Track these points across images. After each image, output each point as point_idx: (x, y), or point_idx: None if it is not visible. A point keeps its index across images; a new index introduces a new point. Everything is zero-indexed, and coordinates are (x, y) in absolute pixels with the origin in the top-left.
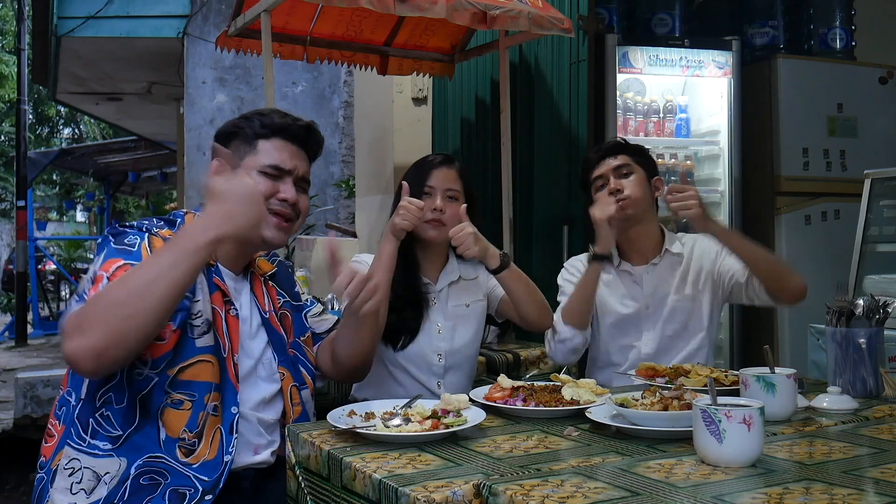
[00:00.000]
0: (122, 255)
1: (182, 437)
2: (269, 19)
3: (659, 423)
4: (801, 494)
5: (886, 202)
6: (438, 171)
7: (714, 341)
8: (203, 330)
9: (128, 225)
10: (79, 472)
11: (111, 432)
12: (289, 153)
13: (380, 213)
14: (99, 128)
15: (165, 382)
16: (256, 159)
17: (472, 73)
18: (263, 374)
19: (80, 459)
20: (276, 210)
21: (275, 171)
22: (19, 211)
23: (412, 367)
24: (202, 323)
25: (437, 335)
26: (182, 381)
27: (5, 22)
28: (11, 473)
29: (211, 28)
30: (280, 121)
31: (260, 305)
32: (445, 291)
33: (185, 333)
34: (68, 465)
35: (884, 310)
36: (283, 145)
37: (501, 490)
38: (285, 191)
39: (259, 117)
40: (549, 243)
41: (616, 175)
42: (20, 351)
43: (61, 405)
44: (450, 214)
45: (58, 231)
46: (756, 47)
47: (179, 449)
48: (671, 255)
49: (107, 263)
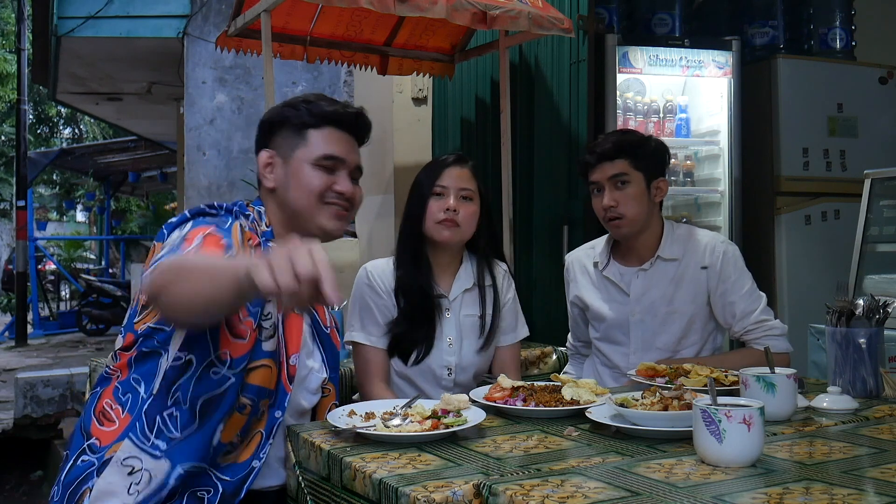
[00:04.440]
0: (210, 224)
1: (232, 442)
2: (269, 19)
3: (659, 423)
4: (801, 494)
5: (886, 202)
6: (451, 171)
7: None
8: (270, 333)
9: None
10: (139, 472)
11: (172, 433)
12: (341, 142)
13: (380, 213)
14: (99, 128)
15: (240, 385)
16: (309, 151)
17: (472, 73)
18: (312, 386)
19: (141, 459)
20: (332, 202)
21: (329, 162)
22: (19, 211)
23: (419, 379)
24: (270, 326)
25: (448, 349)
26: (249, 385)
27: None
28: (11, 473)
29: (211, 28)
30: (330, 108)
31: (320, 317)
32: (459, 300)
33: (259, 332)
34: (127, 462)
35: (884, 310)
36: (335, 134)
37: (501, 490)
38: (341, 183)
39: (306, 105)
40: (549, 243)
41: (611, 186)
42: (20, 351)
43: (126, 390)
44: (464, 214)
45: (58, 231)
46: (756, 47)
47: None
48: (663, 261)
49: (194, 230)
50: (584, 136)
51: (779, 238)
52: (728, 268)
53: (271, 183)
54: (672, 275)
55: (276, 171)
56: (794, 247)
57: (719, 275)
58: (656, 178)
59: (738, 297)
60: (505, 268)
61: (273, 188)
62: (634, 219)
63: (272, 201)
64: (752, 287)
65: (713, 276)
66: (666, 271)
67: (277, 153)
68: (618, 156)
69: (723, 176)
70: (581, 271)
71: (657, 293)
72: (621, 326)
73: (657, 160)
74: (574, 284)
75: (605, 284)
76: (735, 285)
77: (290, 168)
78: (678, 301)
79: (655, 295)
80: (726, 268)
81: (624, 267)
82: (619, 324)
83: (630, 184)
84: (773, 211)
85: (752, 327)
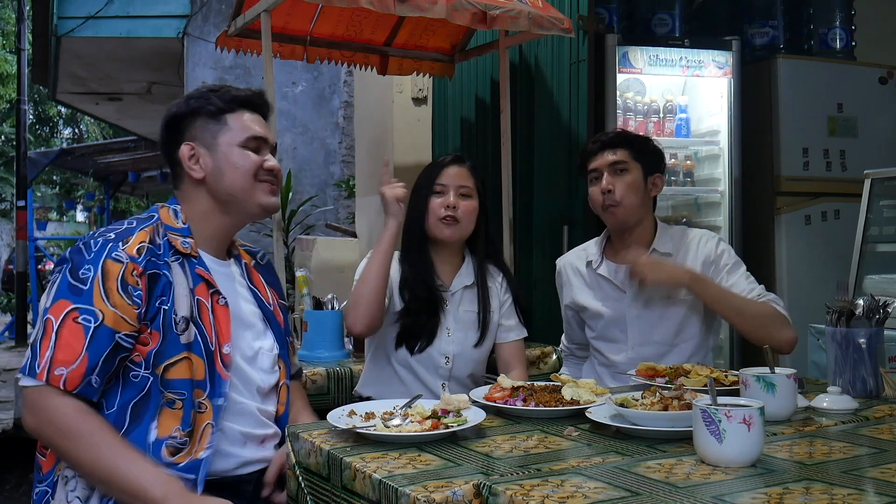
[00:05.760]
0: (73, 295)
1: (173, 436)
2: (269, 19)
3: (659, 423)
4: (801, 494)
5: (886, 202)
6: (450, 169)
7: (712, 348)
8: (183, 327)
9: (91, 240)
10: (73, 480)
11: None
12: (258, 123)
13: (380, 213)
14: (99, 128)
15: (158, 381)
16: (233, 135)
17: (472, 73)
18: (266, 365)
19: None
20: (264, 179)
21: (255, 142)
22: (19, 211)
23: (419, 367)
24: (181, 320)
25: (447, 338)
26: (170, 381)
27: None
28: (11, 473)
29: (211, 28)
30: (241, 93)
31: (262, 296)
32: (459, 295)
33: (171, 330)
34: (63, 474)
35: (884, 310)
36: (252, 116)
37: (501, 490)
38: (269, 160)
39: (214, 93)
40: (549, 243)
41: (610, 172)
42: (20, 351)
43: None
44: (463, 210)
45: (58, 231)
46: (756, 47)
47: (166, 448)
48: (659, 256)
49: (57, 305)
50: (584, 136)
51: (779, 238)
52: (722, 255)
53: (200, 173)
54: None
55: (203, 160)
56: (794, 247)
57: (714, 262)
58: (653, 174)
59: (735, 279)
60: (502, 276)
61: (202, 178)
62: (629, 206)
63: (197, 193)
64: (747, 273)
65: (708, 263)
66: None
67: (198, 143)
68: (620, 145)
69: (723, 176)
70: (574, 273)
71: (653, 287)
72: (618, 323)
73: (656, 158)
74: (568, 288)
75: (600, 283)
76: (731, 270)
77: (218, 154)
78: (675, 294)
79: (651, 289)
80: (720, 255)
81: (618, 265)
82: (617, 320)
83: (628, 172)
84: (773, 211)
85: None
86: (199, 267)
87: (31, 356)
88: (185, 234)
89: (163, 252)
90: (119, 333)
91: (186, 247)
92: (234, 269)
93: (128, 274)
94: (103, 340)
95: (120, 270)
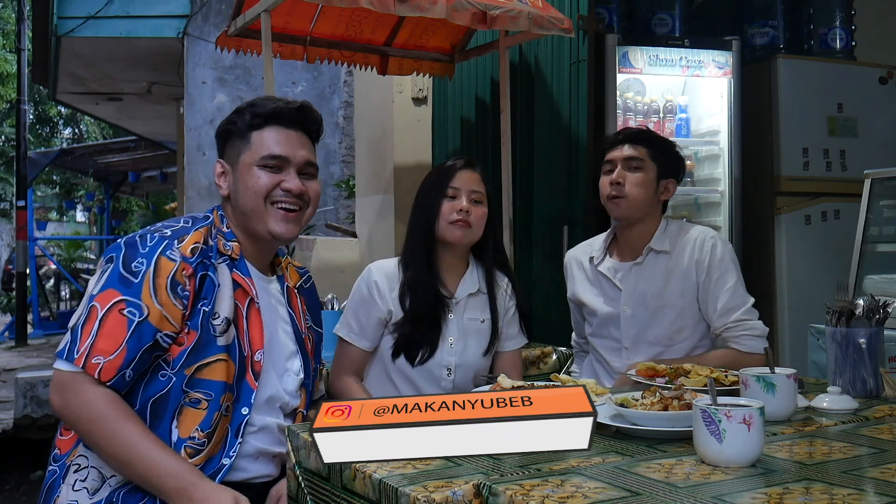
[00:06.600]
0: (123, 286)
1: (192, 437)
2: (269, 19)
3: (659, 423)
4: (801, 494)
5: (886, 202)
6: (463, 173)
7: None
8: (223, 328)
9: (148, 234)
10: (85, 469)
11: None
12: (286, 140)
13: (380, 213)
14: (99, 128)
15: (183, 381)
16: (252, 154)
17: (472, 73)
18: (291, 388)
19: (87, 457)
20: (279, 201)
21: (273, 161)
22: (19, 211)
23: (420, 380)
24: (222, 321)
25: (449, 349)
26: (199, 380)
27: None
28: (11, 473)
29: (211, 28)
30: (271, 106)
31: (297, 321)
32: (463, 303)
33: (207, 332)
34: (76, 462)
35: (884, 310)
36: (279, 132)
37: (501, 490)
38: (288, 181)
39: (251, 109)
40: (548, 243)
41: (624, 166)
42: (20, 351)
43: None
44: (475, 216)
45: (58, 231)
46: (756, 47)
47: (185, 450)
48: (655, 254)
49: (105, 293)
50: (584, 136)
51: (779, 238)
52: (714, 262)
53: (225, 191)
54: (663, 268)
55: (228, 178)
56: (794, 247)
57: (706, 269)
58: (668, 178)
59: (720, 291)
60: (508, 281)
61: (227, 195)
62: (635, 201)
63: (228, 207)
64: (738, 285)
65: (701, 269)
66: (657, 264)
67: (227, 161)
68: (640, 142)
69: (723, 176)
70: (577, 267)
71: (648, 286)
72: (613, 321)
73: (675, 163)
74: (571, 281)
75: (599, 279)
76: (719, 281)
77: (238, 173)
78: (668, 294)
79: (646, 288)
80: (713, 262)
81: (619, 262)
82: (611, 318)
83: (642, 170)
84: (773, 211)
85: (731, 325)
86: (236, 271)
87: (70, 340)
88: (230, 237)
89: (213, 254)
90: (160, 332)
91: (228, 249)
92: (275, 286)
93: (178, 274)
94: (144, 336)
95: (172, 269)
